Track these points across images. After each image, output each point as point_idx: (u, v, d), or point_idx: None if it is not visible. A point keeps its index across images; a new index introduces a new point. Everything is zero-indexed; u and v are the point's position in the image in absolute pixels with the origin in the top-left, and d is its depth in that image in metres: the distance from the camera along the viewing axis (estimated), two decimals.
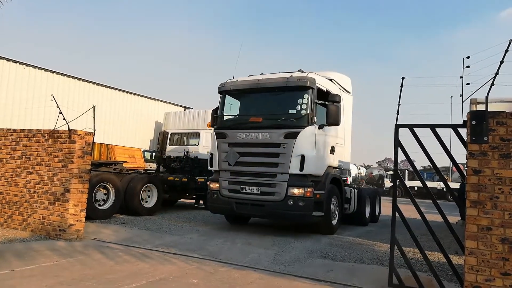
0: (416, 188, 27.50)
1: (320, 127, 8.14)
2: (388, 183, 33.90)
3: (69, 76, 12.35)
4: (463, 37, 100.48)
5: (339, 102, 8.13)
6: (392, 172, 10.94)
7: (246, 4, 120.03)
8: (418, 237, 4.97)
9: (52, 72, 14.63)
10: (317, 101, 8.15)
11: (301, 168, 7.74)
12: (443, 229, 5.16)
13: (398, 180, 5.13)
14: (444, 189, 25.95)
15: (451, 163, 11.21)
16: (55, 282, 4.53)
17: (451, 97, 27.69)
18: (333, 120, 8.01)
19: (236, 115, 9.17)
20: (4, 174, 7.93)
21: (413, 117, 6.88)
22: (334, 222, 8.86)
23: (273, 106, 8.64)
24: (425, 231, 5.22)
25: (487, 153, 3.99)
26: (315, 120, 8.05)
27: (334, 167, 9.11)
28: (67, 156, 7.09)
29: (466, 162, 4.14)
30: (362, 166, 51.58)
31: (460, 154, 5.07)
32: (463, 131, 4.36)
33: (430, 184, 29.35)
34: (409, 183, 28.99)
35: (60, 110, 7.22)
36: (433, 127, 4.62)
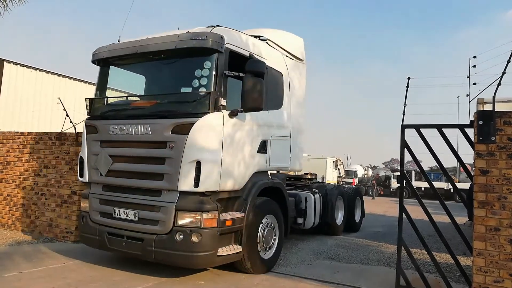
0: (423, 189, 27.27)
1: (233, 114, 4.96)
2: (394, 184, 33.72)
3: (75, 79, 12.46)
4: (469, 37, 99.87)
5: (262, 74, 5.02)
6: (398, 173, 10.61)
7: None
8: (426, 238, 4.94)
9: (59, 75, 14.78)
10: (229, 73, 4.96)
11: (196, 183, 4.62)
12: (451, 230, 5.13)
13: (404, 181, 5.10)
14: (452, 189, 25.77)
15: (458, 163, 10.04)
16: (63, 284, 4.56)
17: (458, 97, 27.50)
18: (251, 102, 4.91)
19: (108, 98, 6.01)
20: (12, 177, 8.00)
21: (419, 118, 6.84)
22: (268, 254, 5.61)
23: (163, 82, 5.75)
24: (432, 232, 5.18)
25: (494, 153, 3.95)
26: (223, 103, 4.87)
27: (268, 172, 5.98)
28: (74, 159, 7.14)
29: (474, 162, 4.11)
30: (368, 167, 51.43)
31: (468, 155, 5.04)
32: (470, 131, 4.32)
33: (437, 184, 29.12)
34: (416, 184, 28.76)
35: (66, 113, 7.28)
36: (439, 128, 4.59)
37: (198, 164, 4.64)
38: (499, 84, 4.35)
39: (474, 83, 4.85)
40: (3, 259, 5.50)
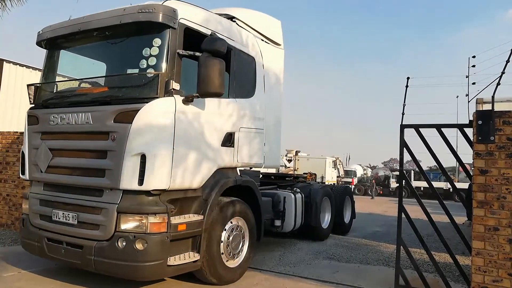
0: (422, 188, 27.32)
1: (187, 99, 4.28)
2: (394, 184, 33.76)
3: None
4: (468, 37, 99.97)
5: (221, 53, 4.27)
6: (397, 173, 10.60)
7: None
8: (425, 238, 4.94)
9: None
10: (183, 52, 4.28)
11: (140, 180, 3.97)
12: (450, 230, 5.13)
13: (404, 181, 5.10)
14: (451, 189, 25.80)
15: (457, 163, 10.02)
16: (61, 284, 4.56)
17: (457, 96, 27.61)
18: (208, 86, 4.15)
19: (49, 84, 5.25)
20: (12, 177, 8.00)
21: (418, 117, 6.86)
22: (235, 262, 4.97)
23: (111, 64, 5.11)
24: (431, 231, 5.19)
25: (493, 153, 3.96)
26: (176, 87, 4.20)
27: (237, 168, 5.27)
28: None
29: (473, 162, 4.11)
30: (367, 166, 51.48)
31: (467, 154, 5.03)
32: (470, 131, 4.33)
33: (436, 184, 29.14)
34: (415, 183, 28.80)
35: None
36: (439, 127, 4.59)
37: (143, 158, 3.97)
38: (498, 83, 4.36)
39: (474, 83, 4.87)
40: (2, 259, 5.50)
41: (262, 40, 6.11)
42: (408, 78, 5.23)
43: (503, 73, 4.33)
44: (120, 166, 4.01)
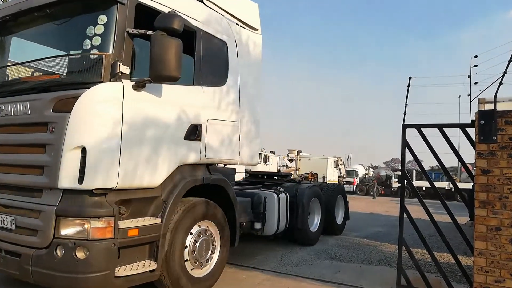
0: (424, 188, 27.28)
1: (138, 85, 3.73)
2: (395, 184, 33.71)
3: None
4: (470, 37, 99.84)
5: (177, 32, 3.65)
6: (399, 173, 10.53)
7: None
8: (426, 238, 4.94)
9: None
10: (133, 31, 3.72)
11: (81, 177, 3.44)
12: (452, 230, 5.12)
13: (405, 181, 5.10)
14: (453, 189, 25.75)
15: (459, 163, 9.91)
16: None
17: (459, 96, 27.55)
18: (161, 69, 3.57)
19: None
20: None
21: (420, 117, 6.86)
22: (204, 271, 4.48)
23: (56, 47, 4.48)
24: (433, 231, 5.18)
25: (495, 153, 3.95)
26: (125, 71, 3.65)
27: (207, 165, 4.73)
28: None
29: (475, 162, 4.11)
30: (369, 166, 51.44)
31: (469, 154, 5.03)
32: (471, 131, 4.32)
33: (438, 184, 29.08)
34: (417, 183, 28.74)
35: None
36: (440, 127, 4.59)
37: (84, 152, 3.43)
38: (500, 83, 4.37)
39: (476, 83, 4.89)
40: None
41: (237, 24, 5.46)
42: (410, 78, 5.24)
43: (505, 72, 4.33)
44: (59, 161, 3.48)
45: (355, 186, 35.99)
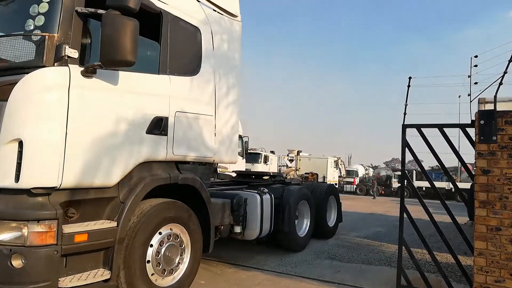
0: (424, 188, 27.29)
1: (88, 70, 3.30)
2: (395, 184, 33.72)
3: None
4: (471, 36, 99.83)
5: (133, 10, 3.22)
6: (399, 173, 10.52)
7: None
8: (426, 238, 4.93)
9: None
10: (82, 10, 3.33)
11: (17, 175, 3.04)
12: (452, 230, 5.12)
13: (405, 181, 5.10)
14: (453, 189, 25.74)
15: (459, 163, 9.95)
16: None
17: (459, 96, 27.55)
18: (113, 52, 3.14)
19: None
20: None
21: (420, 117, 6.85)
22: (171, 279, 4.06)
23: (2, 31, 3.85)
24: (433, 231, 5.18)
25: (495, 153, 3.94)
26: (72, 55, 3.26)
27: (174, 163, 4.26)
28: None
29: (475, 162, 4.11)
30: (369, 166, 51.47)
31: (469, 154, 5.03)
32: (472, 131, 4.32)
33: (438, 184, 29.07)
34: (417, 183, 28.74)
35: None
36: (441, 127, 4.59)
37: (20, 146, 3.01)
38: (500, 83, 4.36)
39: (476, 83, 4.88)
40: None
41: (214, 10, 5.02)
42: (410, 78, 5.24)
43: (505, 72, 4.33)
44: None
45: (355, 186, 36.02)
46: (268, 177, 7.88)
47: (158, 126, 3.94)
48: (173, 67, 4.17)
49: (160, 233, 3.92)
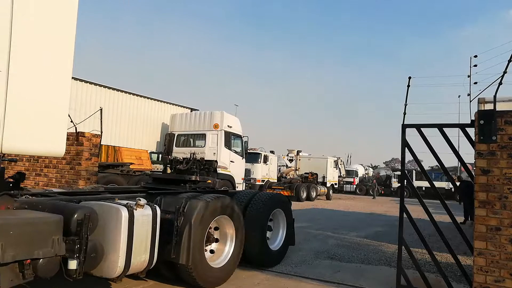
0: (424, 188, 27.33)
1: None
2: (395, 184, 33.72)
3: (76, 79, 12.39)
4: (470, 36, 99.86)
5: None
6: (399, 173, 10.54)
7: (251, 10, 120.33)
8: (426, 238, 4.94)
9: None
10: None
11: None
12: (451, 230, 5.13)
13: (405, 181, 5.10)
14: (453, 189, 25.75)
15: (459, 163, 9.99)
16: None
17: (458, 96, 27.64)
18: None
19: None
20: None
21: (420, 117, 6.85)
22: None
23: None
24: (433, 231, 5.19)
25: (495, 153, 3.95)
26: None
27: None
28: (75, 158, 7.15)
29: (475, 162, 4.11)
30: (369, 166, 51.47)
31: (468, 154, 5.04)
32: (471, 131, 4.32)
33: (438, 184, 29.11)
34: (416, 183, 28.79)
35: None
36: (440, 127, 4.59)
37: None
38: (500, 83, 4.36)
39: (475, 82, 4.86)
40: None
41: None
42: (409, 77, 5.23)
43: (505, 72, 4.32)
44: None
45: (355, 186, 36.02)
46: (188, 184, 5.74)
47: None
48: None
49: None
